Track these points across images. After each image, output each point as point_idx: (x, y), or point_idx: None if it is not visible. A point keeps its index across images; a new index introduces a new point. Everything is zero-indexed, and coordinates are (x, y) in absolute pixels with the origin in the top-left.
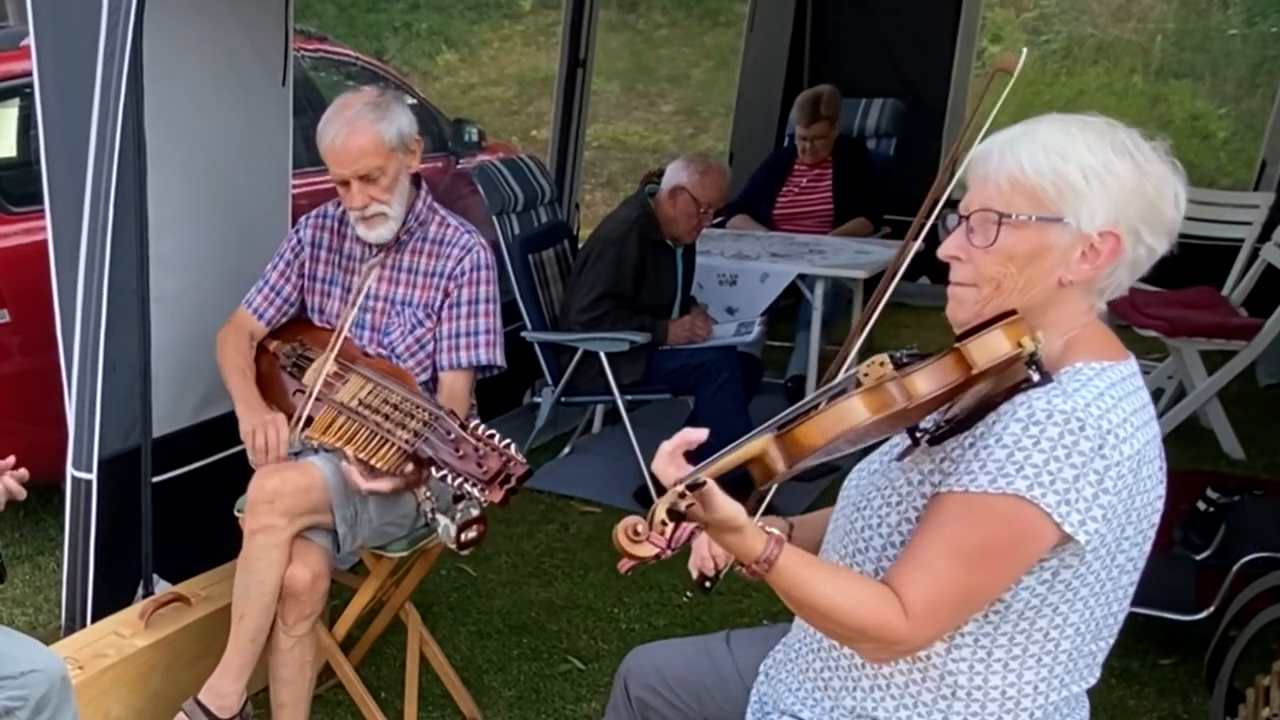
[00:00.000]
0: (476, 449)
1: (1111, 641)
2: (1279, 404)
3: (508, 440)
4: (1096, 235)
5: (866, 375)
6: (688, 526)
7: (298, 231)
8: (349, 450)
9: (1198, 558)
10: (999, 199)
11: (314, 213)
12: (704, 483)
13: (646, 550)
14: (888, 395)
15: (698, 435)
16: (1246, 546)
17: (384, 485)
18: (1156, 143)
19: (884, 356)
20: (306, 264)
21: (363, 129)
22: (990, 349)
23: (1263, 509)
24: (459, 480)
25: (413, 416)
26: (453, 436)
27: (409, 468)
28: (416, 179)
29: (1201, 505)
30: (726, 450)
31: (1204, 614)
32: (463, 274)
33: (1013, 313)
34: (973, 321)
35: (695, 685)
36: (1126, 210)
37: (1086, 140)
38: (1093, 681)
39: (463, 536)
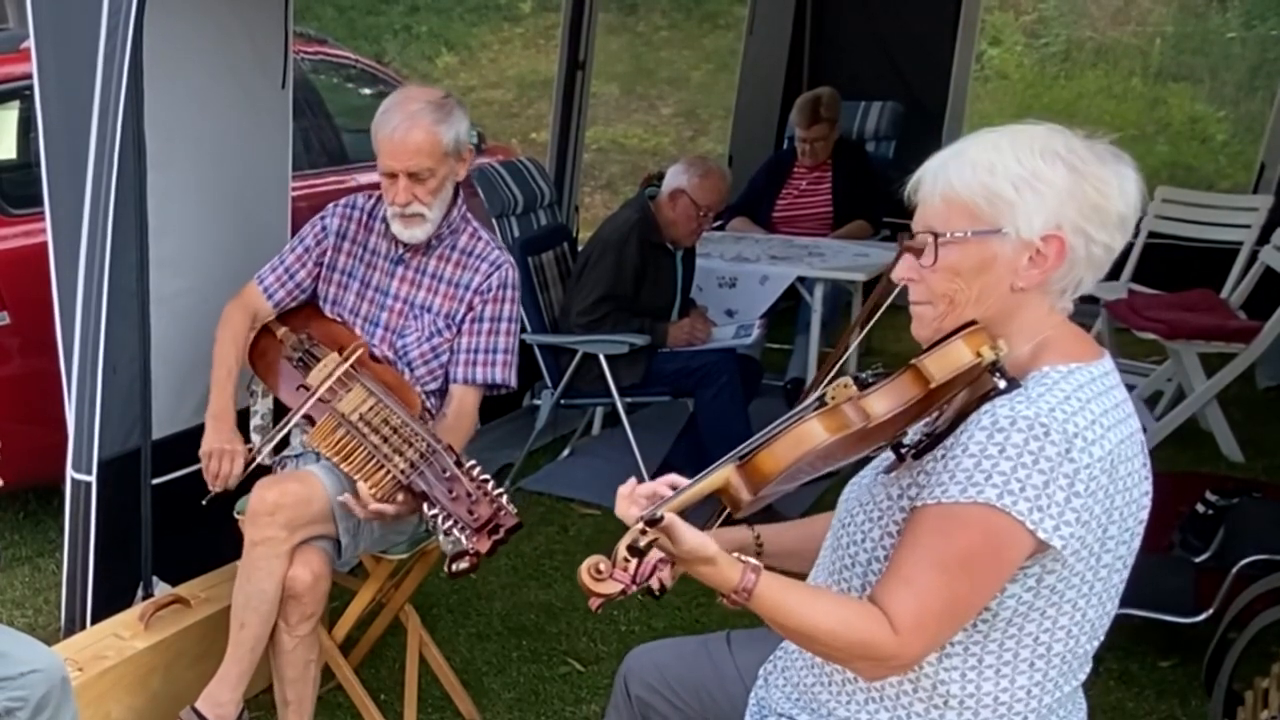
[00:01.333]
0: (470, 494)
1: (1102, 638)
2: (1278, 406)
3: (501, 489)
4: (1039, 240)
5: (833, 399)
6: (652, 560)
7: (324, 218)
8: (344, 468)
9: (1197, 560)
10: (937, 219)
11: (343, 202)
12: (661, 517)
13: (611, 587)
14: (844, 416)
15: (662, 488)
16: (1246, 548)
17: (390, 509)
18: (1095, 141)
19: (848, 379)
20: (328, 253)
21: (423, 127)
22: (947, 361)
23: (1262, 511)
24: (449, 523)
25: (410, 445)
26: (448, 475)
27: (400, 497)
28: (455, 188)
29: (1200, 507)
30: (690, 483)
31: (1203, 616)
32: (489, 290)
33: (973, 323)
34: (935, 338)
35: (695, 685)
36: (1065, 211)
37: (1016, 151)
38: (1084, 677)
39: (454, 566)
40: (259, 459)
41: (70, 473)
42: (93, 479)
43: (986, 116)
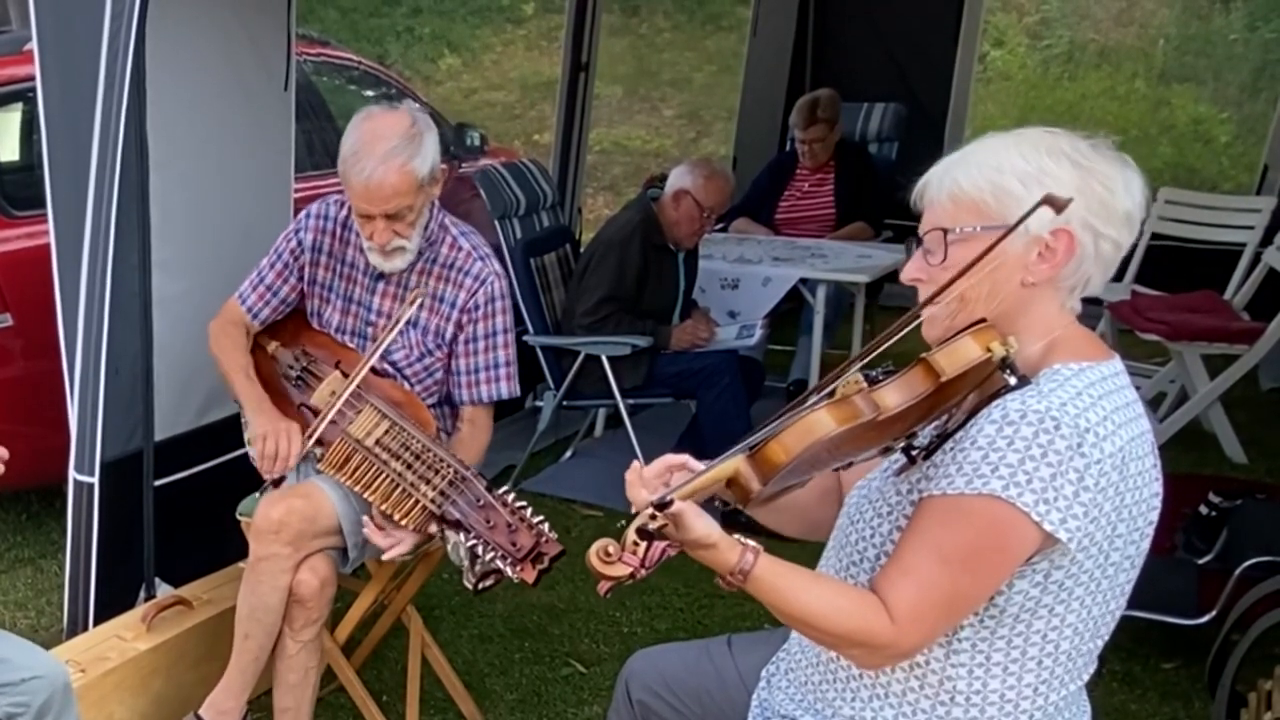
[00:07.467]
0: (509, 523)
1: (1107, 636)
2: None
3: (541, 517)
4: (1049, 234)
5: (843, 392)
6: (660, 545)
7: (298, 233)
8: (368, 497)
9: (1200, 562)
10: (945, 217)
11: (313, 212)
12: (671, 502)
13: (620, 570)
14: (854, 407)
15: (675, 460)
16: (1249, 550)
17: (405, 548)
18: (1098, 141)
19: (858, 375)
20: (306, 268)
21: (397, 168)
22: (957, 356)
23: (1265, 513)
24: (490, 554)
25: (437, 472)
26: (482, 503)
27: (432, 527)
28: (432, 202)
29: (1204, 509)
30: (700, 471)
31: (1206, 618)
32: (477, 308)
33: (982, 320)
34: (945, 336)
35: (697, 689)
36: (1073, 206)
37: (1021, 150)
38: (1088, 676)
39: (480, 585)
40: (314, 434)
41: (73, 474)
42: (95, 480)
43: (989, 118)
